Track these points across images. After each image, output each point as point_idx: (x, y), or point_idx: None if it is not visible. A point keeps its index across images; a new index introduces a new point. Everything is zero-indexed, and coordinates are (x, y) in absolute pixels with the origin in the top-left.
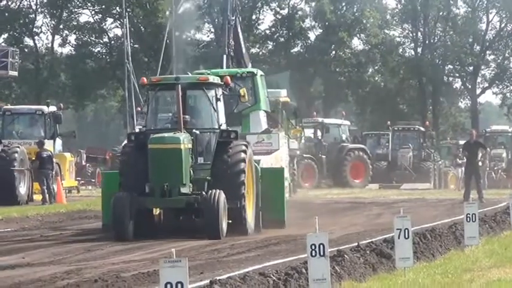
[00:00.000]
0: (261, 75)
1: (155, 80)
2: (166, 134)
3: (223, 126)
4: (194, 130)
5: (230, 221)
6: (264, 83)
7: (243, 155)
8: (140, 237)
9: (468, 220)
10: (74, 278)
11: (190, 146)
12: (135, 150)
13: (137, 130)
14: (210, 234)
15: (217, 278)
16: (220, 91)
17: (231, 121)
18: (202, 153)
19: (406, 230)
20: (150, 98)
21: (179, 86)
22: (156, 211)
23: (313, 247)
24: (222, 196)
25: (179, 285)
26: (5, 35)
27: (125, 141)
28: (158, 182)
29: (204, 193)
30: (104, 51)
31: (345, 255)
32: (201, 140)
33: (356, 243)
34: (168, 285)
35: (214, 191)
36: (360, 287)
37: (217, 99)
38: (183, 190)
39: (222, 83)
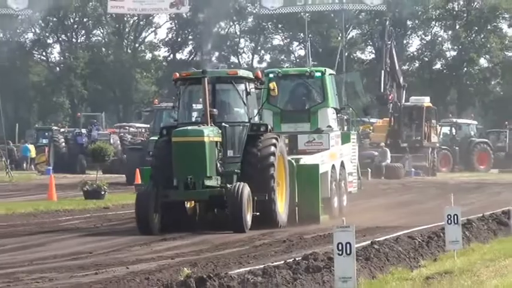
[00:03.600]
0: (330, 74)
1: (185, 74)
2: (189, 127)
3: (255, 120)
4: (223, 124)
5: (258, 213)
6: (333, 81)
7: (272, 147)
8: (170, 231)
9: None
10: (268, 239)
11: (217, 139)
12: (166, 143)
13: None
14: (234, 227)
15: (376, 239)
16: (251, 85)
17: (301, 118)
18: (231, 146)
19: None
20: (181, 92)
21: (205, 79)
22: (191, 204)
23: (449, 217)
24: (247, 189)
25: (348, 245)
26: (216, 54)
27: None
28: (182, 174)
29: (228, 186)
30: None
31: (473, 223)
32: (230, 133)
33: (481, 214)
34: (340, 245)
35: (238, 183)
36: (484, 247)
37: (248, 93)
38: (208, 183)
39: (253, 77)
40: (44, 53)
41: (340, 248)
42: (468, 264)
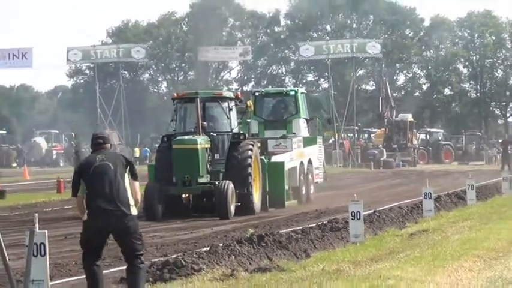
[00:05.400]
0: (302, 93)
1: (181, 94)
2: (186, 137)
3: (236, 130)
4: (212, 133)
5: (239, 203)
6: (304, 98)
7: (250, 152)
8: (170, 218)
9: (504, 180)
10: (304, 210)
11: (207, 145)
12: (166, 148)
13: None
14: (221, 215)
15: (378, 209)
16: (232, 103)
17: (280, 126)
18: (218, 150)
19: (473, 185)
20: (178, 108)
21: (198, 99)
22: (186, 196)
23: (425, 194)
24: (231, 185)
25: (358, 213)
26: (270, 87)
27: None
28: (180, 174)
29: (217, 183)
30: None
31: (441, 198)
32: (217, 140)
33: (447, 192)
34: (352, 213)
35: (224, 181)
36: (449, 214)
37: (230, 109)
38: (201, 180)
39: (234, 96)
40: (155, 87)
41: (353, 214)
42: (438, 225)
